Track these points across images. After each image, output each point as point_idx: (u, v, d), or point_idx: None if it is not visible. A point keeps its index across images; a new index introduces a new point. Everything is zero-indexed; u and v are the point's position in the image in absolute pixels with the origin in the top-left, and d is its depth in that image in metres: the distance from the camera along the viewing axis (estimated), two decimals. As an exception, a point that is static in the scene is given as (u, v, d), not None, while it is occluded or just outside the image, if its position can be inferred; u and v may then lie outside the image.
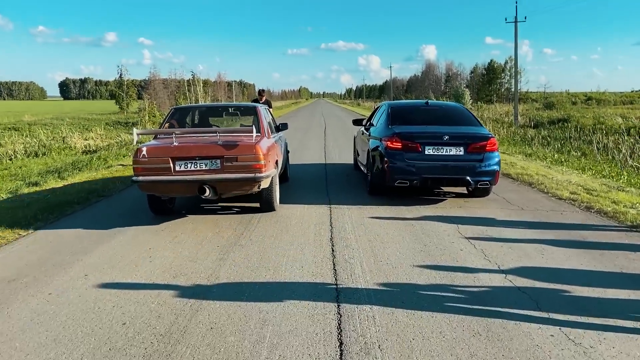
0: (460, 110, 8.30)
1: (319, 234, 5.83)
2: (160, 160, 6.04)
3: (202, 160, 6.06)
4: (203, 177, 5.99)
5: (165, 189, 6.24)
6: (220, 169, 6.03)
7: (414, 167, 7.08)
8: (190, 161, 6.06)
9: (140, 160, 6.07)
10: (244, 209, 7.18)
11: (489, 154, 7.16)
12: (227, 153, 6.02)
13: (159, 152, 6.13)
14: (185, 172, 6.04)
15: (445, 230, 5.99)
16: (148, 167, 6.06)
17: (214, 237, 5.79)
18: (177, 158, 6.05)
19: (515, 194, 8.20)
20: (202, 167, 6.06)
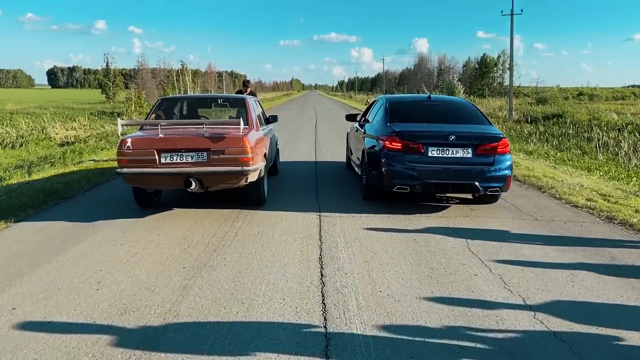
0: (466, 106, 7.42)
1: (306, 252, 4.95)
2: (145, 152, 5.87)
3: (188, 153, 5.90)
4: (189, 170, 5.83)
5: (151, 182, 6.10)
6: (206, 162, 5.88)
7: (415, 170, 6.21)
8: (176, 153, 5.89)
9: (125, 152, 5.89)
10: (229, 206, 6.29)
11: (500, 157, 6.30)
12: (213, 145, 5.85)
13: (144, 143, 5.95)
14: (170, 164, 5.88)
15: (453, 247, 5.13)
16: (132, 158, 5.89)
17: (181, 255, 4.88)
18: (163, 150, 5.89)
19: (526, 200, 7.36)
20: (188, 159, 5.90)
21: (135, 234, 5.59)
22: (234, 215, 6.36)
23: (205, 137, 5.92)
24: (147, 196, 6.74)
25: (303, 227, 5.84)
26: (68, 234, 5.58)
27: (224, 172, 5.88)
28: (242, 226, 5.88)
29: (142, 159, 5.88)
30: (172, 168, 5.87)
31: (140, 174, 5.91)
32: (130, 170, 5.90)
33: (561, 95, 61.80)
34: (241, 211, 6.58)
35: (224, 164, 5.89)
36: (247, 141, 6.00)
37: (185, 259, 4.76)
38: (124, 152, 5.90)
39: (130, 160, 5.91)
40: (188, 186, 5.86)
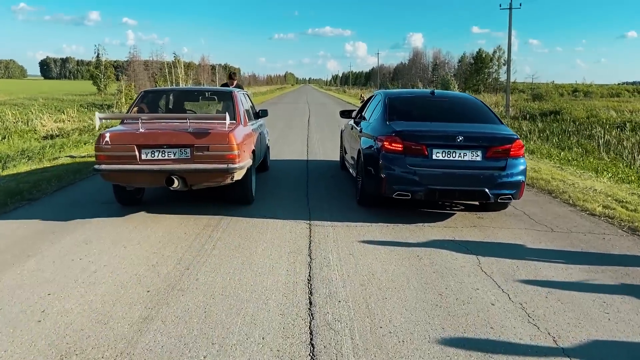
0: (473, 103, 6.72)
1: (293, 271, 4.26)
2: (124, 147, 5.57)
3: (170, 149, 5.59)
4: (171, 167, 5.52)
5: (130, 179, 5.78)
6: (190, 159, 5.57)
7: (417, 175, 5.53)
8: (157, 149, 5.59)
9: (103, 147, 5.57)
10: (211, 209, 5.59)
11: (513, 161, 5.63)
12: (197, 141, 5.56)
13: (124, 138, 5.66)
14: (152, 161, 5.58)
15: (463, 265, 4.46)
16: (111, 154, 5.57)
17: (148, 274, 4.17)
18: (144, 145, 5.58)
19: (537, 207, 6.70)
20: (170, 156, 5.59)
21: (99, 246, 4.88)
22: (214, 223, 5.66)
23: (189, 132, 5.62)
24: (128, 194, 6.41)
25: (291, 238, 5.15)
26: (21, 246, 4.86)
27: (208, 170, 5.57)
28: (221, 237, 5.18)
29: (121, 154, 5.56)
30: (154, 165, 5.55)
31: (120, 170, 5.57)
32: (109, 167, 5.56)
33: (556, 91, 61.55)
34: (222, 218, 5.88)
35: (208, 161, 5.57)
36: (233, 137, 5.67)
37: (152, 279, 4.06)
38: (102, 147, 5.57)
39: (109, 156, 5.58)
40: (170, 184, 5.52)
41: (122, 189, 6.28)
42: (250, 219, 5.86)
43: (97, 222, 5.68)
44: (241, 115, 6.74)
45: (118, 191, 6.32)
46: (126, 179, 5.78)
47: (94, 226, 5.54)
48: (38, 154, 12.60)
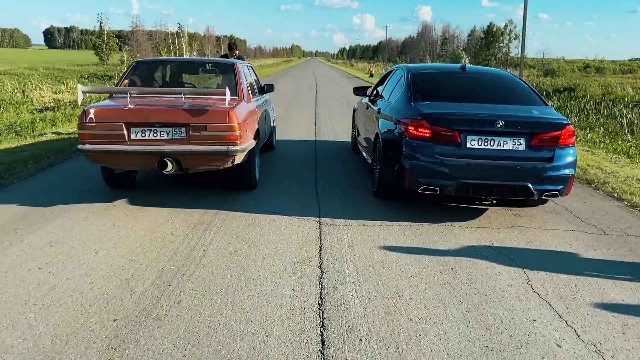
0: (512, 81, 5.76)
1: (300, 292, 3.41)
2: (111, 125, 4.94)
3: (163, 128, 4.96)
4: (164, 149, 4.90)
5: (118, 161, 5.13)
6: (185, 139, 4.95)
7: (448, 166, 4.64)
8: (148, 128, 4.96)
9: (87, 125, 4.95)
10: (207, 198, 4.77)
11: (562, 150, 4.73)
12: (194, 120, 4.91)
13: (110, 115, 5.02)
14: (142, 141, 4.95)
15: (509, 284, 3.61)
16: (96, 133, 4.95)
17: (118, 293, 3.34)
18: (133, 124, 4.95)
19: (579, 201, 5.82)
20: (163, 136, 4.97)
21: (65, 250, 4.05)
22: (208, 219, 4.82)
23: (184, 109, 4.97)
24: (118, 176, 5.76)
25: (297, 242, 4.30)
26: (-28, 249, 4.03)
27: (206, 152, 4.93)
28: (214, 239, 4.34)
29: (107, 133, 4.94)
30: (144, 145, 4.93)
31: (106, 152, 4.95)
32: (94, 147, 4.95)
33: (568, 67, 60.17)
34: (218, 212, 5.05)
35: (206, 143, 4.94)
36: (234, 115, 5.02)
37: (122, 301, 3.23)
38: (86, 124, 4.95)
39: (94, 135, 4.96)
40: (163, 168, 4.91)
41: (111, 171, 5.61)
42: (250, 214, 5.02)
43: (70, 217, 4.85)
44: (244, 90, 5.97)
45: (106, 173, 5.68)
46: (113, 161, 5.13)
47: (66, 222, 4.71)
48: (26, 129, 11.77)
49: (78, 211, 5.04)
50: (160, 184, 6.15)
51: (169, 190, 5.86)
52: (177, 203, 5.34)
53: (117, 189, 5.83)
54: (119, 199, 5.45)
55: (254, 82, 7.23)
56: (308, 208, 5.25)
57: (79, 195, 5.59)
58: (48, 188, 5.89)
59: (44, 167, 6.93)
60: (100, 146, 4.96)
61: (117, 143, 4.95)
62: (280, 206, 5.28)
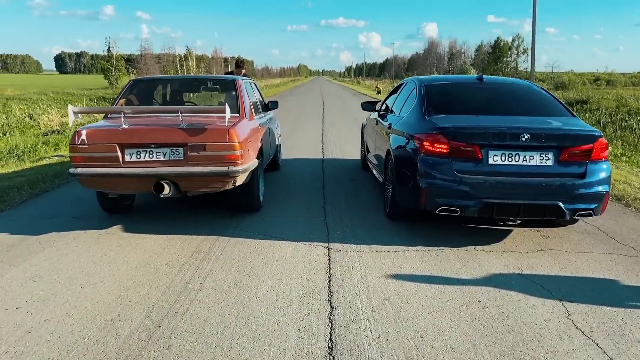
0: (534, 91, 5.34)
1: (308, 332, 2.98)
2: (104, 147, 4.65)
3: (159, 149, 4.66)
4: (160, 171, 4.58)
5: (112, 185, 4.79)
6: (183, 160, 4.64)
7: (469, 185, 4.22)
8: (144, 149, 4.66)
9: (79, 147, 4.66)
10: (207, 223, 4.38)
11: (595, 165, 4.30)
12: (192, 139, 4.61)
13: (103, 136, 4.74)
14: (137, 163, 4.65)
15: (547, 319, 3.15)
16: (89, 155, 4.66)
17: (100, 337, 2.93)
18: (127, 145, 4.65)
19: (611, 220, 5.36)
20: (159, 157, 4.66)
21: (48, 286, 3.66)
22: (207, 247, 4.43)
23: (182, 128, 4.65)
24: (114, 201, 5.44)
25: (304, 272, 3.88)
26: (-55, 286, 3.65)
27: (205, 174, 4.60)
28: (213, 269, 3.93)
29: (101, 156, 4.66)
30: (140, 168, 4.62)
31: (99, 175, 4.64)
32: (86, 171, 4.64)
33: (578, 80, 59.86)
34: (218, 238, 4.66)
35: (205, 163, 4.62)
36: (234, 134, 4.70)
37: (104, 348, 2.82)
38: (78, 147, 4.66)
39: (86, 158, 4.68)
40: (160, 191, 4.58)
41: (107, 196, 5.28)
42: (253, 240, 4.62)
43: (58, 247, 4.48)
44: (246, 107, 5.64)
45: (102, 198, 5.37)
46: (107, 185, 4.80)
47: (53, 253, 4.33)
48: (28, 153, 11.52)
49: (68, 240, 4.67)
50: (158, 208, 5.77)
51: (167, 215, 5.48)
52: (175, 229, 4.96)
53: (113, 214, 5.49)
54: (114, 226, 5.09)
55: (258, 98, 6.89)
56: (316, 232, 4.83)
57: (71, 222, 5.23)
58: (40, 216, 5.53)
59: (38, 192, 6.60)
60: (93, 169, 4.64)
61: (110, 166, 4.64)
62: (285, 231, 4.88)
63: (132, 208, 5.69)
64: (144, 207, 5.83)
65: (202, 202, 5.97)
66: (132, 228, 5.02)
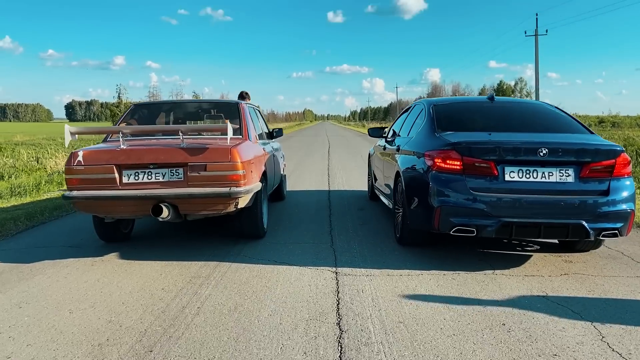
0: (549, 111, 5.14)
1: (313, 358, 2.68)
2: (101, 168, 4.43)
3: (158, 169, 4.44)
4: (159, 193, 4.34)
5: (109, 209, 4.52)
6: (183, 181, 4.42)
7: (485, 203, 3.97)
8: (142, 170, 4.44)
9: (75, 169, 4.44)
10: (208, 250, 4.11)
11: (618, 182, 4.06)
12: (192, 159, 4.40)
13: (100, 157, 4.51)
14: (135, 184, 4.42)
15: (580, 342, 2.84)
16: (85, 177, 4.45)
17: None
18: (125, 166, 4.44)
19: (634, 245, 5.07)
20: (158, 178, 4.44)
21: (35, 312, 3.39)
22: (206, 273, 4.15)
23: (182, 148, 4.45)
24: (111, 228, 5.14)
25: (310, 296, 3.59)
26: None
27: (205, 195, 4.35)
28: (212, 294, 3.66)
29: (97, 177, 4.44)
30: (138, 190, 4.39)
31: (96, 198, 4.39)
32: (82, 194, 4.40)
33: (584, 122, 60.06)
34: (219, 264, 4.39)
35: (206, 184, 4.39)
36: (237, 153, 4.48)
37: (88, 373, 2.53)
38: (74, 168, 4.45)
39: (83, 180, 4.46)
40: (158, 214, 4.33)
41: (103, 221, 5.00)
42: (255, 265, 4.34)
43: (50, 275, 4.22)
44: (249, 129, 5.48)
45: (99, 225, 5.09)
46: (104, 209, 4.55)
47: (44, 280, 4.08)
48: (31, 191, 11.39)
49: (61, 268, 4.41)
50: (157, 236, 5.53)
51: (166, 242, 5.23)
52: (174, 256, 4.70)
53: (111, 242, 5.24)
54: (110, 253, 4.84)
55: (262, 125, 6.75)
56: (322, 258, 4.56)
57: (66, 251, 4.99)
58: (34, 245, 5.30)
59: (35, 224, 6.38)
60: (88, 192, 4.42)
61: (107, 188, 4.42)
62: (290, 257, 4.61)
63: (130, 237, 5.44)
64: (142, 236, 5.59)
65: (203, 229, 5.73)
66: (128, 255, 4.76)
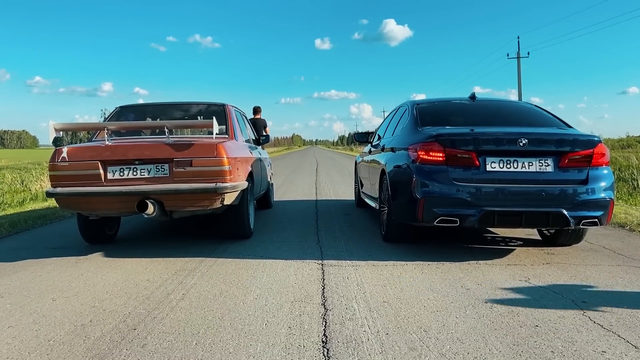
0: (529, 109, 5.27)
1: (299, 329, 2.68)
2: (86, 164, 4.41)
3: (144, 165, 4.43)
4: (144, 188, 4.32)
5: (94, 205, 4.46)
6: (168, 177, 4.40)
7: (467, 192, 4.04)
8: (127, 166, 4.43)
9: (59, 165, 4.41)
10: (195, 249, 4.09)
11: (596, 171, 4.15)
12: (178, 155, 4.39)
13: (85, 153, 4.48)
14: (120, 180, 4.40)
15: (561, 316, 2.87)
16: (69, 174, 4.41)
17: (68, 340, 2.62)
18: (110, 162, 4.43)
19: (617, 241, 5.14)
20: (143, 174, 4.42)
21: (17, 300, 3.36)
22: (191, 266, 4.14)
23: (167, 143, 4.45)
24: (96, 228, 5.08)
25: (296, 282, 3.60)
26: None
27: (191, 191, 4.33)
28: (197, 283, 3.65)
29: (82, 174, 4.41)
30: (122, 186, 4.36)
31: (80, 194, 4.34)
32: (66, 190, 4.35)
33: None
34: (204, 260, 4.37)
35: (191, 180, 4.38)
36: (222, 149, 4.48)
37: (71, 347, 2.51)
38: (58, 165, 4.41)
39: (66, 177, 4.42)
40: (143, 210, 4.30)
41: (87, 221, 4.98)
42: (241, 260, 4.35)
43: (32, 271, 4.18)
44: (235, 130, 5.54)
45: (83, 224, 5.04)
46: (88, 206, 4.49)
47: (27, 275, 4.04)
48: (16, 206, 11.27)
49: (44, 265, 4.37)
50: (143, 238, 5.51)
51: (151, 243, 5.21)
52: (159, 253, 4.69)
53: (95, 244, 5.20)
54: (94, 253, 4.81)
55: (249, 131, 6.80)
56: (309, 253, 4.58)
57: (49, 251, 4.95)
58: (17, 247, 5.25)
59: (19, 230, 6.32)
60: (72, 188, 4.38)
61: (92, 184, 4.39)
62: (276, 252, 4.62)
63: (115, 240, 5.40)
64: (127, 238, 5.56)
65: (189, 231, 5.72)
66: (113, 254, 4.74)
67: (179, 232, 5.75)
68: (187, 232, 5.74)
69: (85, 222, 5.02)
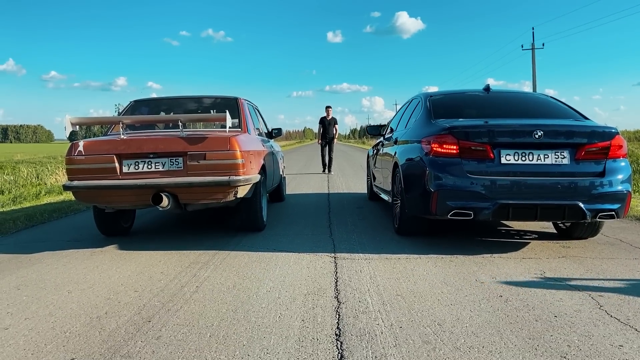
0: (545, 100, 5.20)
1: (312, 322, 2.68)
2: (102, 158, 4.47)
3: (158, 159, 4.48)
4: (159, 182, 4.36)
5: (109, 198, 4.53)
6: (182, 170, 4.44)
7: (481, 185, 4.00)
8: (142, 160, 4.48)
9: (76, 159, 4.47)
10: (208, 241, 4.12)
11: (614, 163, 4.09)
12: (191, 148, 4.43)
13: (101, 146, 4.54)
14: (135, 174, 4.45)
15: (577, 309, 2.84)
16: (86, 167, 4.47)
17: (83, 332, 2.65)
18: (125, 155, 4.47)
19: (633, 234, 5.07)
20: (158, 167, 4.47)
21: (33, 292, 3.40)
22: (205, 259, 4.16)
23: (181, 137, 4.48)
24: (112, 221, 5.17)
25: (309, 275, 3.60)
26: None
27: (205, 184, 4.37)
28: (211, 275, 3.66)
29: (98, 167, 4.47)
30: (137, 179, 4.41)
31: (96, 187, 4.42)
32: (82, 184, 4.43)
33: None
34: (217, 253, 4.39)
35: (205, 173, 4.41)
36: (236, 142, 4.50)
37: (86, 339, 2.53)
38: (75, 158, 4.48)
39: (83, 170, 4.48)
40: (158, 202, 4.36)
41: (103, 214, 5.05)
42: (254, 252, 4.36)
43: (48, 263, 4.23)
44: (248, 123, 5.55)
45: (99, 217, 5.12)
46: (104, 199, 4.56)
47: (43, 267, 4.09)
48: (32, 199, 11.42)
49: (60, 257, 4.42)
50: (157, 231, 5.55)
51: (165, 235, 5.25)
52: (174, 245, 4.72)
53: (110, 236, 5.25)
54: (109, 245, 4.85)
55: (261, 123, 6.80)
56: (321, 246, 4.57)
57: (65, 244, 5.01)
58: (33, 240, 5.32)
59: (35, 223, 6.40)
60: (88, 182, 4.44)
61: (108, 178, 4.45)
62: (289, 245, 4.62)
63: (130, 233, 5.45)
64: (142, 230, 5.61)
65: (202, 223, 5.75)
66: (128, 246, 4.78)
67: (192, 224, 5.78)
68: (200, 224, 5.77)
69: (101, 215, 5.07)
